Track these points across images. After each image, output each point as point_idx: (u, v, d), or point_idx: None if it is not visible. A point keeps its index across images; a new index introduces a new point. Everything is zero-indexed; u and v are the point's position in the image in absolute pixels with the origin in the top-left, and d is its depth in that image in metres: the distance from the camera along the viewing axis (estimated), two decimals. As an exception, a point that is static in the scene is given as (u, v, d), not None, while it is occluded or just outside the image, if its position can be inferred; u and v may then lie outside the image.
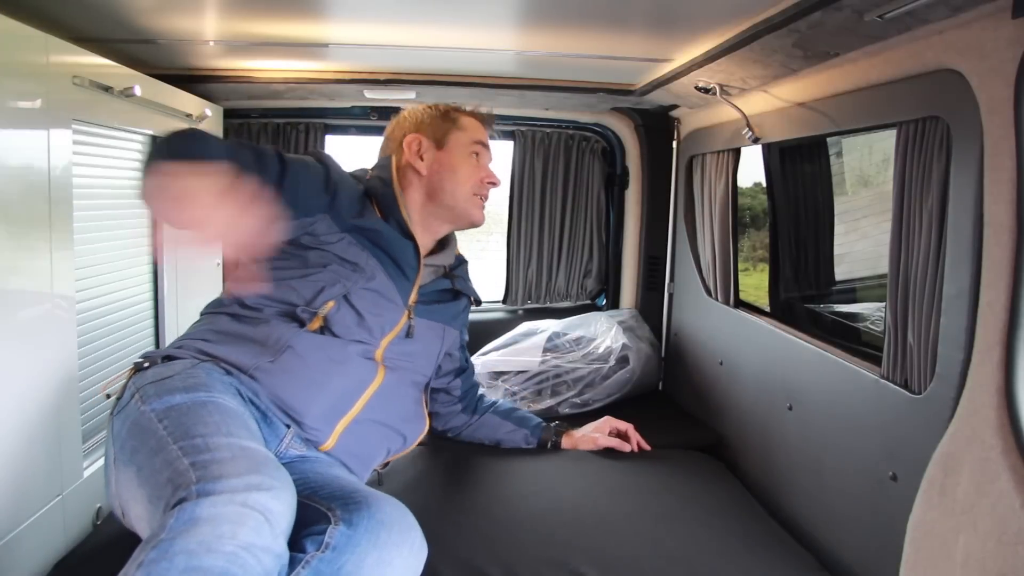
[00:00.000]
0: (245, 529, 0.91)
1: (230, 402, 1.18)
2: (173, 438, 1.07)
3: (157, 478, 1.03)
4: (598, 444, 1.79)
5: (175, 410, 1.13)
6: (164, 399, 1.16)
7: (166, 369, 1.25)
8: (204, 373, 1.24)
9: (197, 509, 0.91)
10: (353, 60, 2.06)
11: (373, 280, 1.41)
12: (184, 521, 0.90)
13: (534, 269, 2.79)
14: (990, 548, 1.02)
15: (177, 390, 1.17)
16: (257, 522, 0.92)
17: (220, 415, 1.12)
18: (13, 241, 1.27)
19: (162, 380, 1.21)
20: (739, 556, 1.42)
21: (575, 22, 1.55)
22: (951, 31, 1.12)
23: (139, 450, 1.11)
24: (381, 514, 1.07)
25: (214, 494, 0.93)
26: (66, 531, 1.43)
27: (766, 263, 2.21)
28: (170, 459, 1.03)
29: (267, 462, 1.03)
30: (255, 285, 1.33)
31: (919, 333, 1.26)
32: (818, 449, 1.58)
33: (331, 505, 1.08)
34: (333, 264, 1.38)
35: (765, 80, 1.62)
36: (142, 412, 1.16)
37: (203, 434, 1.06)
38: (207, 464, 0.99)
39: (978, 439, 1.07)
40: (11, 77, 1.26)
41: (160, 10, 1.53)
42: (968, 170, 1.11)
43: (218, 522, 0.90)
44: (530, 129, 2.67)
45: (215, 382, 1.22)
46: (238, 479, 0.96)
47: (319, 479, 1.20)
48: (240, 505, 0.92)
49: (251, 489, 0.95)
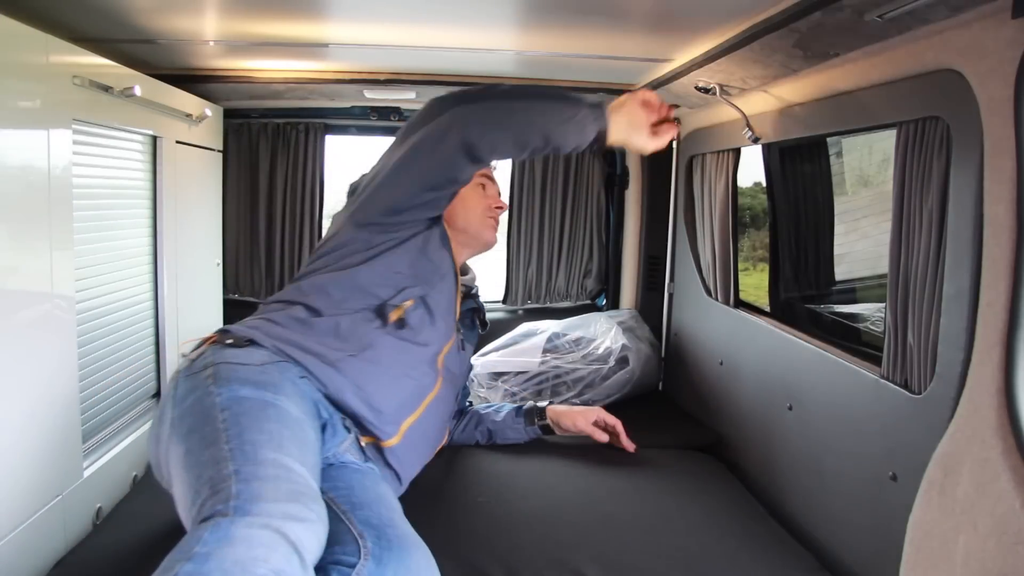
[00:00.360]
0: (277, 555, 0.92)
1: (293, 409, 1.21)
2: (227, 436, 1.10)
3: (201, 472, 1.06)
4: (576, 425, 1.82)
5: (239, 404, 1.16)
6: (233, 388, 1.20)
7: (245, 355, 1.29)
8: (279, 372, 1.28)
9: (232, 528, 0.93)
10: (353, 60, 2.06)
11: (444, 282, 1.54)
12: (219, 538, 0.92)
13: (534, 269, 2.79)
14: (990, 548, 1.02)
15: (248, 383, 1.21)
16: (288, 551, 0.94)
17: (278, 423, 1.15)
18: (13, 241, 1.27)
19: (238, 365, 1.26)
20: (739, 556, 1.42)
21: (575, 22, 1.55)
22: (951, 31, 1.12)
23: (194, 432, 1.15)
24: (410, 560, 1.09)
25: (251, 515, 0.95)
26: (66, 531, 1.43)
27: (766, 263, 2.21)
28: (218, 457, 1.06)
29: (307, 491, 1.05)
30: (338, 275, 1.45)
31: (919, 333, 1.26)
32: (818, 449, 1.58)
33: (363, 532, 1.10)
34: (418, 259, 1.50)
35: (765, 80, 1.62)
36: (209, 392, 1.20)
37: (255, 442, 1.09)
38: (249, 479, 1.01)
39: (978, 439, 1.07)
40: (11, 77, 1.26)
41: (160, 10, 1.53)
42: (968, 170, 1.11)
43: (253, 544, 0.92)
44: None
45: (286, 384, 1.26)
46: (276, 504, 0.98)
47: (363, 496, 1.22)
48: (275, 532, 0.94)
49: (287, 518, 0.96)
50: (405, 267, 1.49)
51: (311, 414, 1.28)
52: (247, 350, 1.31)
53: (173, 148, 1.97)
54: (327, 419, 1.33)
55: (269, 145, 2.58)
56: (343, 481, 1.26)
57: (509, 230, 2.76)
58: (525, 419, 1.83)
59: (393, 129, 2.69)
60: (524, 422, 1.83)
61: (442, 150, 1.42)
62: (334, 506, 1.17)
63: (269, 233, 2.62)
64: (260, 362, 1.28)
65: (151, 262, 1.93)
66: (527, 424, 1.83)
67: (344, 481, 1.26)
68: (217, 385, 1.21)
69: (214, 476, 1.03)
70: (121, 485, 1.68)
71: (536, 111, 1.43)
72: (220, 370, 1.24)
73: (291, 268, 2.63)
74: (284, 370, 1.30)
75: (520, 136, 1.43)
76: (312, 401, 1.31)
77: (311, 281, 1.48)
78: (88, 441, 1.58)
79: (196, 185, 2.22)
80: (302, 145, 2.57)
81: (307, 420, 1.24)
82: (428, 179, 1.45)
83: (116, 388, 1.75)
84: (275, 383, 1.24)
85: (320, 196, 2.63)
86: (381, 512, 1.19)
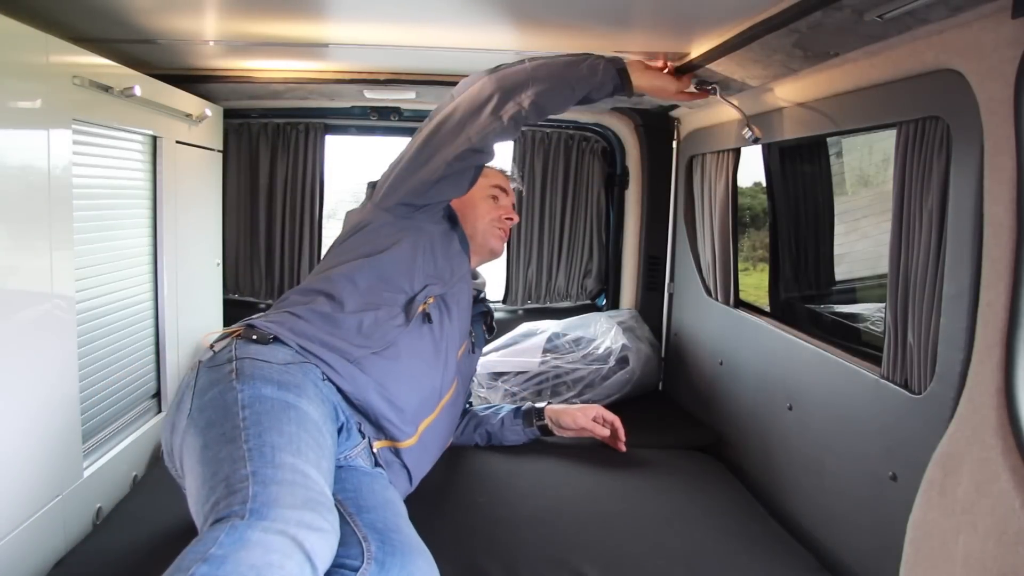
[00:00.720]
0: (292, 563, 0.93)
1: (313, 413, 1.22)
2: (247, 435, 1.10)
3: (218, 469, 1.06)
4: (577, 422, 1.82)
5: (260, 403, 1.17)
6: (255, 386, 1.20)
7: (269, 353, 1.29)
8: (302, 374, 1.28)
9: (248, 531, 0.93)
10: (353, 60, 2.06)
11: (461, 283, 1.58)
12: (235, 540, 0.92)
13: (534, 269, 2.79)
14: (990, 548, 1.02)
15: (270, 382, 1.22)
16: (302, 560, 0.94)
17: (298, 426, 1.15)
18: (13, 241, 1.27)
19: (262, 363, 1.26)
20: (739, 556, 1.42)
21: (575, 22, 1.55)
22: (951, 31, 1.12)
23: (213, 426, 1.15)
24: (413, 567, 1.09)
25: (267, 520, 0.95)
26: (66, 531, 1.43)
27: (766, 263, 2.21)
28: (235, 456, 1.06)
29: (322, 500, 1.05)
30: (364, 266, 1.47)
31: (919, 333, 1.26)
32: (818, 449, 1.58)
33: (368, 536, 1.11)
34: (440, 254, 1.55)
35: (765, 80, 1.62)
36: (231, 387, 1.20)
37: (274, 444, 1.09)
38: (267, 483, 1.01)
39: (978, 439, 1.07)
40: (11, 77, 1.26)
41: (160, 10, 1.53)
42: (968, 170, 1.11)
43: (269, 549, 0.92)
44: (530, 129, 2.67)
45: (308, 386, 1.27)
46: (292, 511, 0.98)
47: (370, 500, 1.23)
48: (290, 539, 0.94)
49: (303, 527, 0.97)
50: (427, 263, 1.51)
51: (330, 418, 1.28)
52: (271, 347, 1.31)
53: (173, 148, 1.97)
54: (343, 423, 1.34)
55: (269, 145, 2.58)
56: (351, 484, 1.26)
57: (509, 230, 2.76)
58: (524, 420, 1.83)
59: (393, 129, 2.69)
60: (523, 423, 1.83)
61: (475, 115, 1.46)
62: (341, 508, 1.17)
63: (269, 233, 2.62)
64: (284, 361, 1.29)
65: (151, 262, 1.92)
66: (525, 425, 1.83)
67: (352, 484, 1.26)
68: (240, 381, 1.21)
69: (231, 475, 1.03)
70: (121, 485, 1.68)
71: (557, 66, 1.48)
72: (244, 366, 1.24)
73: (291, 268, 2.63)
74: (307, 372, 1.30)
75: (548, 87, 1.46)
76: (332, 404, 1.32)
77: (339, 271, 1.48)
78: (88, 441, 1.58)
79: (196, 185, 2.22)
80: (302, 145, 2.57)
81: (325, 424, 1.24)
82: (455, 151, 1.47)
83: (116, 388, 1.74)
84: (298, 384, 1.24)
85: (320, 196, 2.63)
86: (387, 517, 1.19)
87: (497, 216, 1.77)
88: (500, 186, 1.80)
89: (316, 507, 1.01)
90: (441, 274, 1.53)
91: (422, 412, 1.47)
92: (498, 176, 1.83)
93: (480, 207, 1.75)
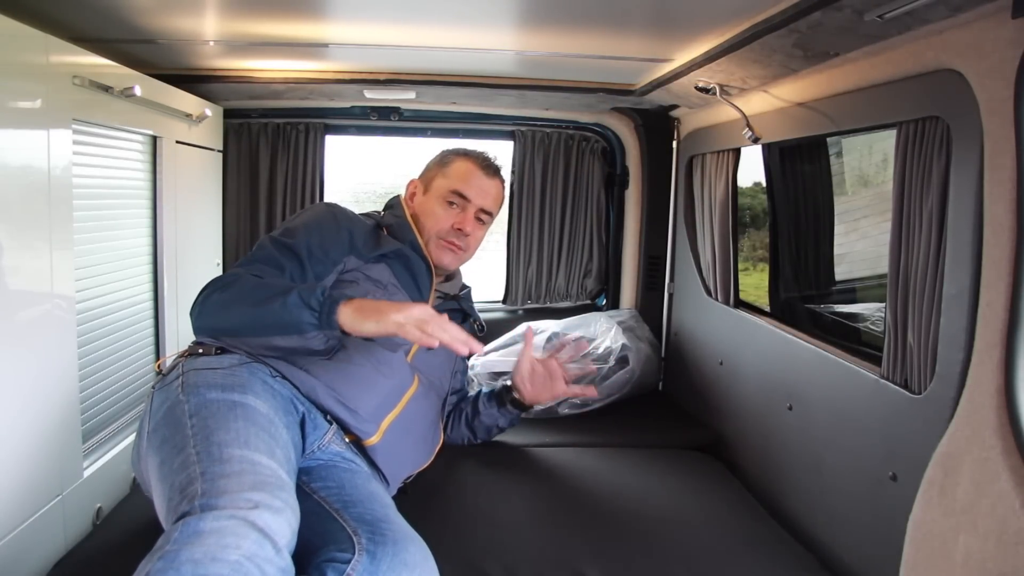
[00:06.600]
0: (248, 542, 0.93)
1: (262, 407, 1.22)
2: (195, 440, 1.12)
3: (173, 479, 1.07)
4: (539, 398, 1.73)
5: (206, 407, 1.18)
6: (200, 393, 1.21)
7: (216, 361, 1.30)
8: (248, 373, 1.29)
9: (200, 523, 0.94)
10: (353, 60, 2.06)
11: (393, 292, 1.49)
12: (188, 534, 0.93)
13: (534, 269, 2.79)
14: (990, 548, 1.02)
15: (215, 386, 1.23)
16: (259, 536, 0.95)
17: (245, 421, 1.16)
18: (13, 241, 1.27)
19: (206, 371, 1.27)
20: (739, 556, 1.42)
21: (575, 22, 1.55)
22: (951, 31, 1.12)
23: (166, 442, 1.16)
24: (406, 554, 1.09)
25: (217, 508, 0.96)
26: (66, 531, 1.43)
27: (766, 263, 2.21)
28: (187, 462, 1.08)
29: (273, 481, 1.05)
30: None
31: (919, 333, 1.26)
32: (818, 449, 1.58)
33: (357, 529, 1.11)
34: (361, 281, 1.47)
35: (765, 80, 1.63)
36: (179, 401, 1.21)
37: (221, 442, 1.10)
38: (215, 477, 1.02)
39: (978, 439, 1.07)
40: (11, 77, 1.26)
41: (160, 10, 1.53)
42: (968, 170, 1.11)
43: (222, 534, 0.93)
44: (530, 129, 2.67)
45: (256, 382, 1.27)
46: (240, 495, 0.98)
47: (354, 493, 1.23)
48: (241, 520, 0.95)
49: (253, 506, 0.97)
50: (356, 287, 1.45)
51: (284, 410, 1.28)
52: (218, 357, 1.32)
53: (173, 148, 1.97)
54: (305, 412, 1.34)
55: (269, 145, 2.57)
56: (334, 480, 1.26)
57: (509, 230, 2.76)
58: (497, 403, 1.77)
59: (393, 129, 2.69)
60: (497, 405, 1.77)
61: None
62: (326, 505, 1.17)
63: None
64: (229, 365, 1.29)
65: (151, 262, 1.92)
66: (499, 407, 1.76)
67: (335, 480, 1.26)
68: (186, 393, 1.22)
69: (183, 481, 1.04)
70: (121, 485, 1.68)
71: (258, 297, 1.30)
72: (189, 378, 1.26)
73: (291, 268, 2.63)
74: (255, 371, 1.30)
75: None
76: (286, 397, 1.31)
77: None
78: (88, 441, 1.58)
79: (196, 185, 2.22)
80: (302, 145, 2.57)
81: (278, 416, 1.24)
82: None
83: (116, 388, 1.74)
84: (243, 383, 1.25)
85: (320, 196, 2.63)
86: (374, 508, 1.19)
87: (447, 227, 1.58)
88: (459, 192, 1.59)
89: (265, 487, 1.02)
90: (368, 288, 1.46)
91: (382, 411, 1.42)
92: (462, 178, 1.61)
93: (432, 215, 1.60)
